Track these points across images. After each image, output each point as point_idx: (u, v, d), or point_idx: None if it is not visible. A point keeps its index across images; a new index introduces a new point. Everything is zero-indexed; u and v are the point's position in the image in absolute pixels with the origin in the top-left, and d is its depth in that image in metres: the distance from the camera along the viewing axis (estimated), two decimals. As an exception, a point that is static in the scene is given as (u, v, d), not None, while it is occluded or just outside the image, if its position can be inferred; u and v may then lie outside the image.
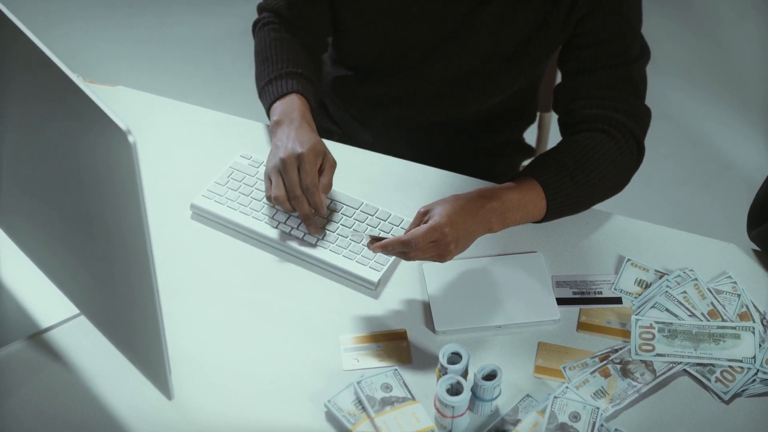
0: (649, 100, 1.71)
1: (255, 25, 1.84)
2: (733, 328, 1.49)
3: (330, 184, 1.62)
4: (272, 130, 1.66)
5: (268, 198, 1.60)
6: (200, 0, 3.53)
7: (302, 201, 1.57)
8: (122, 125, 1.04)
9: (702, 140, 3.15)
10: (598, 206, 1.67)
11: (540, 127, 2.12)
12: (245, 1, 3.43)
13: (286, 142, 1.60)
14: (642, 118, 1.69)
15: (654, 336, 1.48)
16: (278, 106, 1.68)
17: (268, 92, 1.71)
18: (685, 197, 3.00)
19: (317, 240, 1.60)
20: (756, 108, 3.24)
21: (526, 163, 2.10)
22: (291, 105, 1.67)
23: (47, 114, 1.16)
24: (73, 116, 1.11)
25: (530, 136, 2.09)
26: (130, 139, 1.04)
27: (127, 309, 1.27)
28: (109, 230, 1.17)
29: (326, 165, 1.61)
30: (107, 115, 1.05)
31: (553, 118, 2.08)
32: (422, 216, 1.51)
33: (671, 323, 1.50)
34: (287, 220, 1.62)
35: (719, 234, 1.68)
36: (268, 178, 1.60)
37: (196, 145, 1.77)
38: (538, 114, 2.08)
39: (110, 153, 1.07)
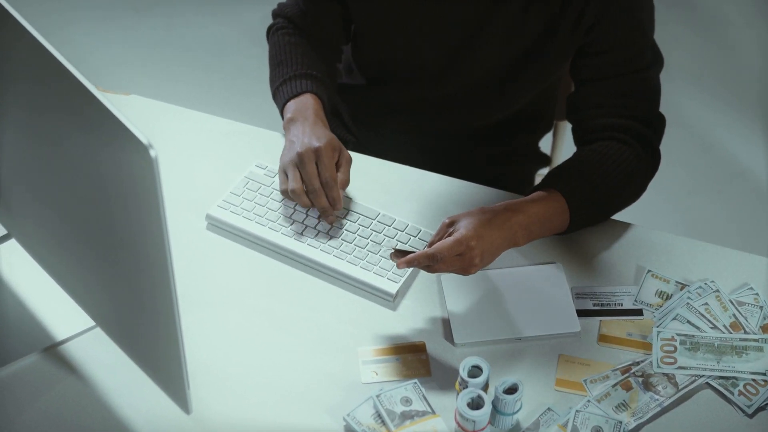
0: (660, 107, 1.69)
1: (269, 29, 1.84)
2: (756, 340, 1.48)
3: (348, 180, 1.61)
4: (285, 127, 1.65)
5: (284, 192, 1.59)
6: (208, 4, 3.52)
7: (320, 194, 1.57)
8: (144, 139, 1.03)
9: (713, 147, 3.13)
10: (615, 216, 1.66)
11: (555, 136, 2.10)
12: (254, 5, 3.43)
13: (302, 137, 1.60)
14: (657, 125, 1.68)
15: (676, 348, 1.47)
16: (292, 105, 1.68)
17: (282, 92, 1.71)
18: (696, 204, 2.98)
19: (330, 229, 1.60)
20: (767, 113, 3.23)
21: (541, 171, 2.09)
22: (305, 104, 1.67)
23: (66, 126, 1.15)
24: (93, 129, 1.10)
25: (545, 144, 2.07)
26: (152, 153, 1.03)
27: (145, 322, 1.25)
28: (129, 242, 1.16)
29: (343, 161, 1.61)
30: (128, 128, 1.04)
31: (569, 126, 2.06)
32: (447, 228, 1.49)
33: (693, 335, 1.48)
34: (304, 231, 1.61)
35: (731, 241, 1.67)
36: (284, 172, 1.60)
37: (211, 154, 1.76)
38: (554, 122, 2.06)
39: (131, 166, 1.06)
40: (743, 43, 3.45)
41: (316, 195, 1.57)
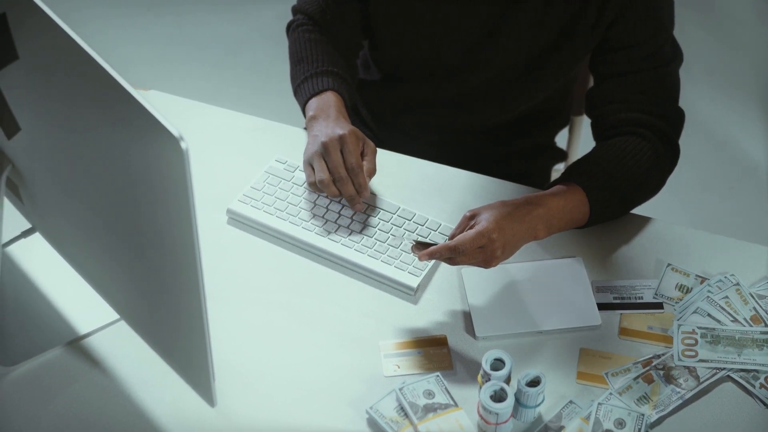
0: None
1: (289, 26, 1.84)
2: (777, 333, 1.48)
3: (374, 169, 1.61)
4: (308, 125, 1.66)
5: (312, 184, 1.59)
6: (220, 3, 3.53)
7: (347, 182, 1.57)
8: (174, 131, 1.04)
9: (726, 144, 3.13)
10: (634, 211, 1.66)
11: (571, 131, 2.11)
12: (268, 3, 3.43)
13: (325, 130, 1.60)
14: (676, 120, 1.68)
15: (697, 342, 1.47)
16: (314, 103, 1.68)
17: (304, 90, 1.71)
18: (709, 201, 2.98)
19: (351, 224, 1.61)
20: (780, 110, 3.23)
21: (558, 166, 2.09)
22: (327, 101, 1.67)
23: (96, 119, 1.16)
24: (124, 122, 1.10)
25: (561, 139, 2.08)
26: (183, 145, 1.03)
27: (172, 315, 1.26)
28: (158, 235, 1.17)
29: (368, 150, 1.61)
30: (160, 121, 1.04)
31: (585, 121, 2.07)
32: (468, 220, 1.50)
33: (714, 329, 1.49)
34: (324, 225, 1.62)
35: (744, 238, 1.67)
36: (309, 165, 1.60)
37: (231, 149, 1.76)
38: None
39: (162, 159, 1.07)
40: (756, 43, 3.45)
41: (342, 183, 1.57)
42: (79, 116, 1.19)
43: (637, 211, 1.68)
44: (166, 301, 1.25)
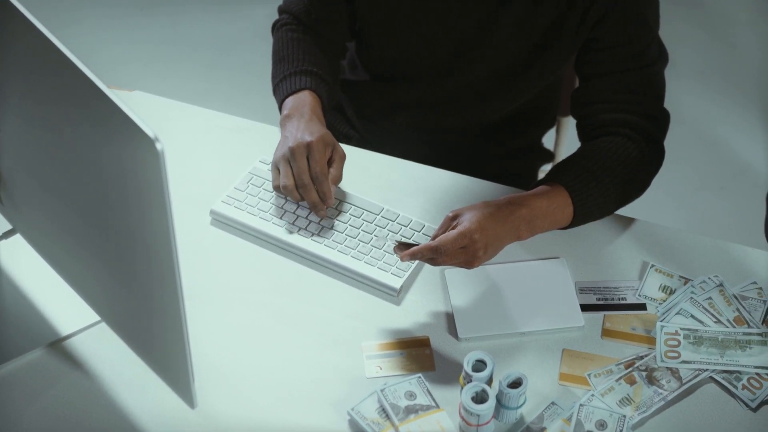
0: (664, 104, 1.70)
1: (274, 25, 1.84)
2: (760, 334, 1.48)
3: (340, 176, 1.62)
4: (282, 124, 1.66)
5: (276, 188, 1.60)
6: (211, 3, 3.53)
7: (310, 189, 1.58)
8: (150, 132, 1.04)
9: (716, 144, 3.13)
10: (619, 211, 1.66)
11: (558, 131, 2.10)
12: (258, 3, 3.43)
13: (295, 133, 1.61)
14: (661, 120, 1.68)
15: (680, 343, 1.47)
16: (289, 102, 1.69)
17: (282, 88, 1.72)
18: (700, 201, 2.98)
19: (321, 221, 1.61)
20: (770, 111, 3.23)
21: (545, 167, 2.09)
22: (302, 101, 1.68)
23: (73, 120, 1.16)
24: (100, 123, 1.10)
25: (548, 140, 2.08)
26: (158, 146, 1.03)
27: (150, 316, 1.26)
28: (134, 237, 1.16)
29: (336, 156, 1.62)
30: (135, 122, 1.04)
31: (572, 122, 2.06)
32: (450, 221, 1.50)
33: (697, 330, 1.48)
34: (308, 226, 1.61)
35: (734, 238, 1.67)
36: (276, 168, 1.61)
37: (214, 150, 1.76)
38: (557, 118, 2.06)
39: (137, 160, 1.06)
40: (747, 41, 3.45)
41: (306, 190, 1.58)
42: (56, 117, 1.18)
43: (624, 211, 1.68)
44: (144, 303, 1.24)
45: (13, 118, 1.29)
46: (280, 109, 1.71)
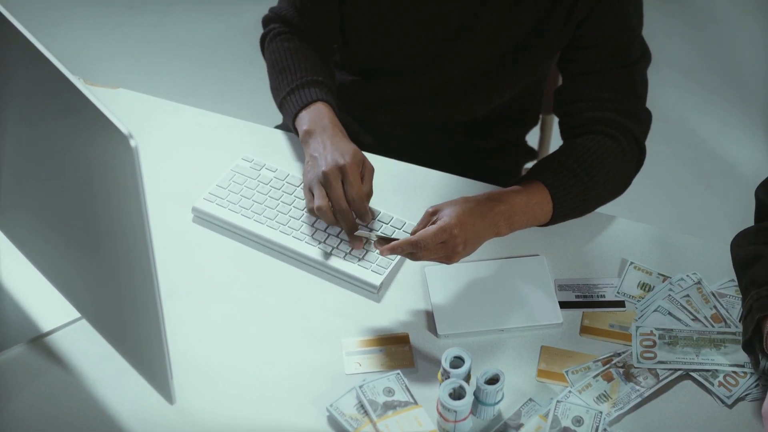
0: (649, 101, 1.71)
1: (264, 38, 1.81)
2: (734, 333, 1.49)
3: (371, 192, 1.59)
4: (303, 140, 1.63)
5: (311, 210, 1.56)
6: (199, 2, 3.53)
7: (348, 214, 1.55)
8: (124, 129, 1.04)
9: (703, 141, 3.14)
10: (600, 209, 1.67)
11: (542, 129, 2.11)
12: (245, 2, 3.43)
13: (324, 153, 1.57)
14: (643, 120, 1.69)
15: (655, 343, 1.48)
16: (305, 115, 1.65)
17: (291, 102, 1.68)
18: (685, 198, 2.99)
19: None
20: (757, 108, 3.24)
21: (528, 165, 2.10)
22: (319, 113, 1.65)
23: (48, 116, 1.16)
24: (75, 119, 1.10)
25: (532, 138, 2.08)
26: (132, 143, 1.04)
27: (128, 312, 1.26)
28: (111, 234, 1.17)
29: (366, 172, 1.59)
30: (108, 118, 1.05)
31: (556, 120, 2.07)
32: (430, 216, 1.50)
33: (672, 329, 1.49)
34: (289, 223, 1.62)
35: (720, 235, 1.68)
36: (309, 191, 1.57)
37: (197, 147, 1.77)
38: (540, 116, 2.07)
39: (112, 157, 1.07)
40: (734, 38, 3.46)
41: (343, 215, 1.54)
42: (32, 114, 1.19)
43: (610, 208, 1.68)
44: (121, 298, 1.25)
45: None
46: (293, 123, 1.68)
